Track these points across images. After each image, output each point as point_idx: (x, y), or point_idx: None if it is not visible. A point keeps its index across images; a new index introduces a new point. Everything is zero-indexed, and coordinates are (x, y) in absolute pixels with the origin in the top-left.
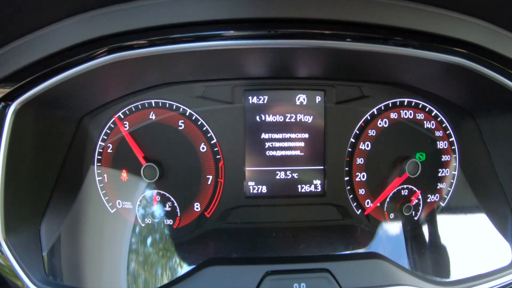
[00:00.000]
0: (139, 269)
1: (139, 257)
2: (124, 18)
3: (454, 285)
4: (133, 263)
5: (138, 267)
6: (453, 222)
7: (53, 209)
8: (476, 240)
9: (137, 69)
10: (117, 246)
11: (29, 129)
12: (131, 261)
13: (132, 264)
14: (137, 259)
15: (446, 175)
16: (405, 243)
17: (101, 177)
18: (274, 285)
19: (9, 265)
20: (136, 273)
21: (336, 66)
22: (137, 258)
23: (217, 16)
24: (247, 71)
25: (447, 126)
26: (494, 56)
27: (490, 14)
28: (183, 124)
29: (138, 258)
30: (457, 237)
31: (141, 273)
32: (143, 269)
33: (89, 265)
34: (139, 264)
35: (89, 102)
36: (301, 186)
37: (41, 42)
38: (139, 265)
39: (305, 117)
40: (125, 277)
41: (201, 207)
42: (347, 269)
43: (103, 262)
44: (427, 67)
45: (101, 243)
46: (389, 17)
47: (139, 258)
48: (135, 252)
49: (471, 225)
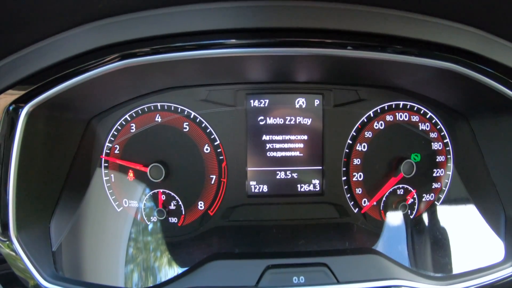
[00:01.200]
0: (144, 265)
1: (145, 253)
2: (134, 27)
3: (449, 279)
4: (139, 259)
5: (144, 263)
6: (447, 220)
7: (62, 207)
8: (470, 237)
9: (144, 74)
10: (124, 243)
11: (40, 131)
12: (137, 257)
13: (138, 259)
14: (143, 255)
15: (441, 175)
16: (401, 241)
17: (108, 177)
18: (275, 278)
19: (20, 261)
20: (142, 268)
21: (334, 71)
22: (142, 254)
23: (221, 26)
24: (249, 76)
25: (441, 128)
26: (484, 61)
27: (481, 21)
28: (188, 126)
29: (144, 254)
30: (451, 234)
31: (146, 268)
32: (148, 264)
33: (96, 261)
34: (145, 260)
35: (97, 105)
36: (300, 186)
37: (54, 48)
38: (145, 261)
39: (304, 120)
40: (131, 272)
41: (205, 205)
42: (344, 263)
43: (110, 258)
44: (421, 72)
45: (108, 240)
46: (386, 26)
47: (145, 254)
48: (141, 249)
49: (465, 222)
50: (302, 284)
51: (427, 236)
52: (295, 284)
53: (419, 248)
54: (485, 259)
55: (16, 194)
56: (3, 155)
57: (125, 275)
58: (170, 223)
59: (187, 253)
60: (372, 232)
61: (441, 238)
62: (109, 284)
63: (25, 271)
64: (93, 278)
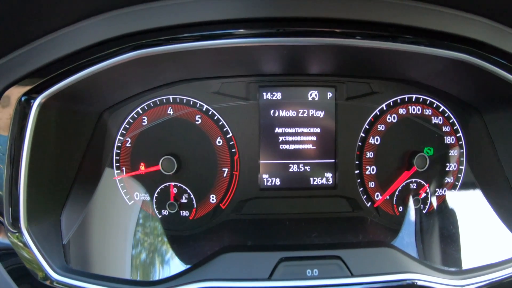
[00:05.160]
0: (155, 258)
1: (156, 247)
2: (145, 18)
3: (461, 274)
4: (150, 252)
5: (155, 256)
6: (460, 214)
7: (73, 200)
8: (482, 232)
9: (156, 66)
10: (134, 236)
11: (52, 122)
12: (147, 250)
13: (148, 253)
14: (154, 249)
15: (454, 170)
16: (414, 235)
17: (120, 170)
18: (288, 271)
19: (29, 252)
20: (153, 261)
21: (346, 63)
22: (153, 247)
23: (232, 16)
24: (261, 68)
25: (454, 121)
26: (497, 52)
27: (493, 12)
28: (200, 119)
29: (155, 248)
30: (464, 229)
31: (157, 261)
32: (159, 258)
33: (107, 254)
34: (156, 253)
35: (109, 97)
36: (313, 179)
37: (66, 40)
38: (156, 254)
39: (317, 113)
40: (142, 265)
41: (217, 199)
42: (357, 257)
43: (121, 251)
44: (433, 63)
45: (119, 234)
46: (397, 16)
47: (156, 248)
48: (151, 242)
49: (477, 218)
50: (315, 277)
51: (440, 231)
52: (309, 277)
53: (431, 242)
54: (498, 254)
55: (27, 186)
56: (15, 146)
57: (136, 268)
58: (181, 217)
59: (198, 247)
60: (385, 226)
61: (454, 232)
62: (120, 276)
63: (34, 262)
64: (104, 271)
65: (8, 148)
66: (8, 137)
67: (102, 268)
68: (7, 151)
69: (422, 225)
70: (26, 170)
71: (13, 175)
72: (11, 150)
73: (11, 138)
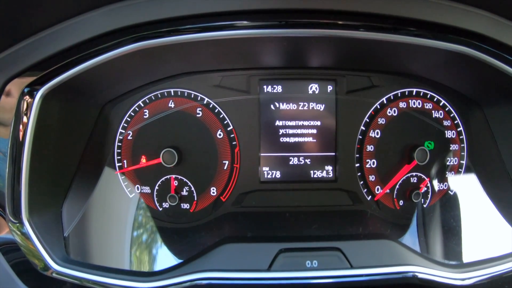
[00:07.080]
0: (156, 249)
1: (156, 238)
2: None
3: (462, 267)
4: (150, 244)
5: (154, 248)
6: (460, 209)
7: (74, 192)
8: (483, 226)
9: (157, 58)
10: (135, 228)
11: (54, 115)
12: (148, 242)
13: (149, 245)
14: (154, 240)
15: (454, 164)
16: (414, 229)
17: (121, 162)
18: (288, 262)
19: (30, 243)
20: (152, 253)
21: (347, 56)
22: (154, 239)
23: (233, 8)
24: (262, 61)
25: (455, 115)
26: (498, 46)
27: (495, 5)
28: (201, 112)
29: (155, 239)
30: (464, 223)
31: (157, 253)
32: (159, 249)
33: (107, 246)
34: (155, 244)
35: (111, 90)
36: (313, 172)
37: (69, 32)
38: (155, 246)
39: (317, 106)
40: (143, 256)
41: (217, 191)
42: (357, 249)
43: (121, 243)
44: (434, 56)
45: (120, 226)
46: (400, 8)
47: (156, 239)
48: (152, 234)
49: (478, 212)
50: (315, 268)
51: (440, 226)
52: (308, 268)
53: (432, 236)
54: (498, 249)
55: (29, 177)
56: (18, 137)
57: (137, 260)
58: (182, 209)
59: (198, 238)
60: (385, 220)
61: (454, 226)
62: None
63: (35, 253)
64: (104, 262)
65: (10, 140)
66: (10, 129)
67: (103, 259)
68: (9, 142)
69: (423, 219)
70: (28, 161)
71: (15, 166)
72: (14, 142)
73: (14, 129)
